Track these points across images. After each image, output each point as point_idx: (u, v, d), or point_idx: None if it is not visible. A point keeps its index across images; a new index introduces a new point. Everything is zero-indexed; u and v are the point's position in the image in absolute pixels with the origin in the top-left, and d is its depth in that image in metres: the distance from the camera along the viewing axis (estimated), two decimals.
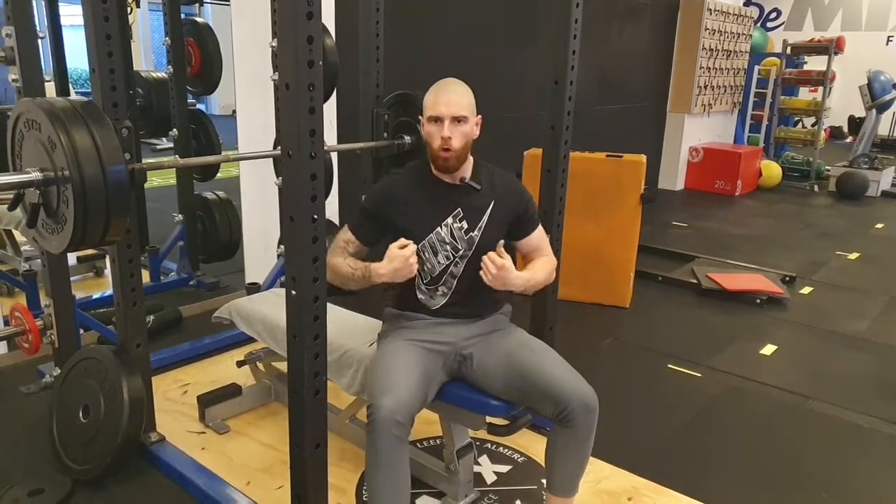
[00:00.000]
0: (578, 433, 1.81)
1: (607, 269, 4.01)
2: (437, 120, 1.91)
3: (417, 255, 1.97)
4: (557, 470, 1.91)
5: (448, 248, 1.98)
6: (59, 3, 3.62)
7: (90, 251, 3.84)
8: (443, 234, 1.98)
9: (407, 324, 2.03)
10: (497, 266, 1.83)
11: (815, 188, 8.05)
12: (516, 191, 2.07)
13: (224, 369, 2.94)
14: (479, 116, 1.99)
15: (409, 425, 1.74)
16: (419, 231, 1.98)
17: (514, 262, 2.12)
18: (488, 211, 2.00)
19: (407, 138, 2.87)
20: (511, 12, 5.18)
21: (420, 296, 2.03)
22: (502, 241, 1.95)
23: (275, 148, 2.85)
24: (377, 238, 2.05)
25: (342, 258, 2.00)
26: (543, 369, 1.86)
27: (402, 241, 1.87)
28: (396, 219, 1.99)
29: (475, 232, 1.98)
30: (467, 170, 2.01)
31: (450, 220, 1.98)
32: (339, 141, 3.81)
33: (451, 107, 1.90)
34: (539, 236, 2.12)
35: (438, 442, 2.44)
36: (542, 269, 2.06)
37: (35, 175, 1.73)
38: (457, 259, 1.99)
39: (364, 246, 2.05)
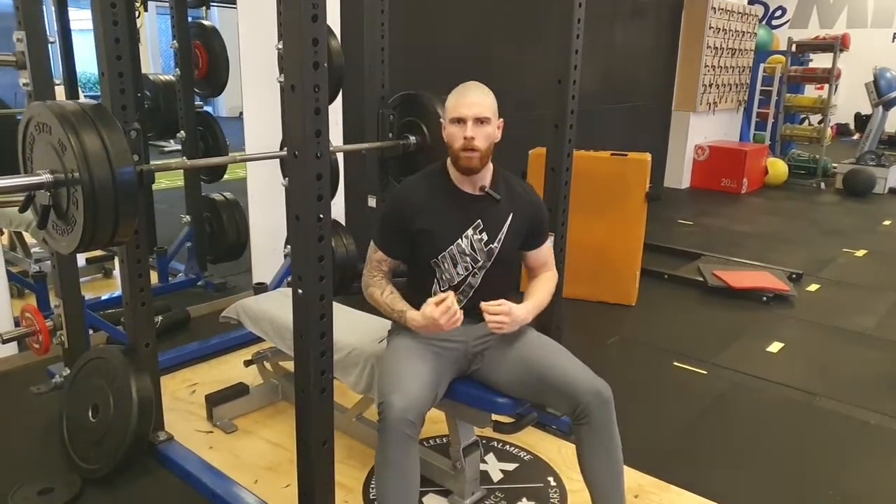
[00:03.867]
0: (597, 427, 1.81)
1: (613, 268, 4.02)
2: (459, 121, 1.90)
3: (437, 265, 1.97)
4: (595, 480, 1.87)
5: (468, 259, 1.97)
6: (69, 8, 3.65)
7: (99, 252, 3.89)
8: (463, 246, 1.97)
9: None
10: (504, 314, 1.84)
11: (822, 185, 8.02)
12: (533, 202, 2.06)
13: (232, 369, 2.97)
14: (501, 119, 1.97)
15: (420, 424, 1.75)
16: (440, 242, 1.97)
17: (520, 270, 2.14)
18: (507, 222, 1.99)
19: (412, 138, 2.89)
20: (515, 12, 5.19)
21: None
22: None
23: (281, 149, 2.87)
24: (406, 250, 2.02)
25: (380, 290, 1.99)
26: (556, 366, 1.87)
27: (441, 296, 1.85)
28: (416, 227, 1.97)
29: (495, 244, 1.98)
30: (487, 177, 1.99)
31: (470, 231, 1.97)
32: (345, 141, 3.83)
33: (474, 108, 1.89)
34: (547, 250, 2.12)
35: (445, 440, 2.45)
36: (544, 289, 2.07)
37: (45, 177, 1.76)
38: (475, 270, 1.98)
39: (396, 260, 2.03)
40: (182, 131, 3.80)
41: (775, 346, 3.56)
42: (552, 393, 1.86)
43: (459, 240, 1.96)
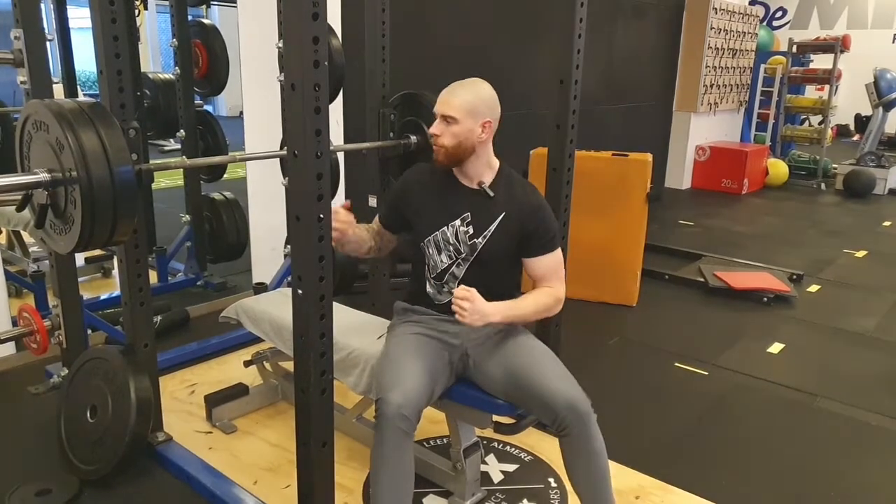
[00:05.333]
0: (575, 441, 1.79)
1: (614, 268, 4.01)
2: (436, 116, 1.97)
3: (424, 248, 2.01)
4: (579, 487, 1.87)
5: (451, 248, 1.99)
6: (68, 6, 3.63)
7: (98, 252, 3.88)
8: (448, 235, 1.98)
9: (415, 318, 2.05)
10: (466, 298, 1.79)
11: (822, 186, 8.02)
12: (533, 206, 1.99)
13: (231, 369, 2.95)
14: (488, 120, 1.94)
15: (416, 420, 1.75)
16: (426, 226, 2.01)
17: (521, 278, 2.10)
18: (497, 221, 1.97)
19: (413, 138, 2.87)
20: (517, 12, 5.18)
21: (429, 289, 2.04)
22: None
23: (282, 148, 2.86)
24: (396, 225, 2.14)
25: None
26: (534, 376, 1.84)
27: (342, 211, 1.94)
28: (409, 207, 2.06)
29: (479, 239, 1.97)
30: (488, 175, 2.00)
31: (457, 222, 1.98)
32: (346, 141, 3.82)
33: (442, 105, 1.95)
34: (550, 263, 2.00)
35: (445, 441, 2.44)
36: (531, 299, 1.97)
37: (43, 176, 1.74)
38: (459, 261, 1.99)
39: (385, 229, 2.15)
40: (182, 130, 3.78)
41: (776, 347, 3.56)
42: (534, 403, 1.84)
43: (445, 227, 1.99)
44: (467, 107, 1.92)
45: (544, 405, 1.80)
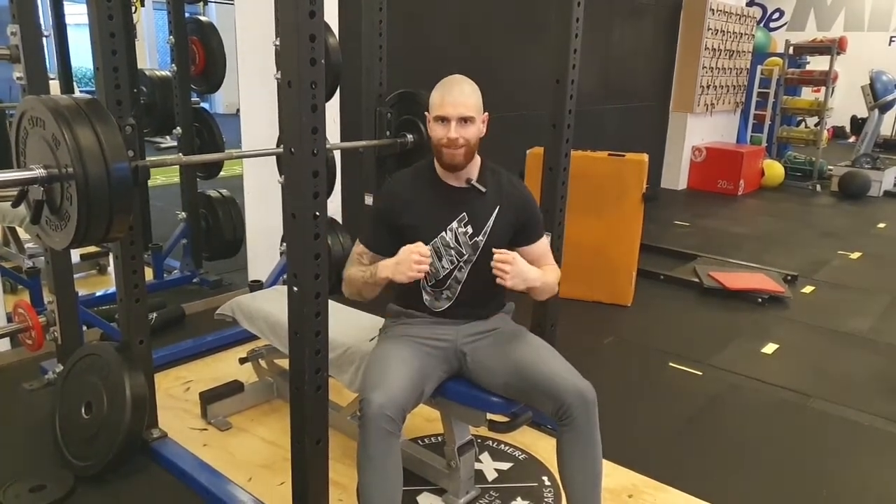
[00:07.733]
0: (580, 430, 1.79)
1: (609, 268, 4.02)
2: (443, 120, 1.89)
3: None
4: (572, 483, 1.86)
5: (453, 252, 1.96)
6: (64, 2, 3.63)
7: (93, 248, 3.87)
8: (447, 239, 1.96)
9: (408, 321, 2.03)
10: (508, 261, 1.81)
11: (818, 188, 8.04)
12: (522, 196, 2.04)
13: (226, 366, 2.95)
14: (486, 114, 1.96)
15: (400, 421, 1.74)
16: (424, 234, 1.95)
17: None
18: (493, 215, 1.97)
19: (409, 136, 2.89)
20: (514, 11, 5.18)
21: (425, 297, 2.02)
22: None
23: (278, 146, 2.86)
24: (390, 244, 1.98)
25: (356, 268, 1.99)
26: (540, 366, 1.86)
27: (420, 244, 1.83)
28: (401, 219, 1.97)
29: (480, 237, 1.96)
30: (473, 171, 1.98)
31: (455, 224, 1.96)
32: (342, 139, 3.82)
33: (458, 107, 1.87)
34: (543, 246, 2.08)
35: (440, 439, 2.45)
36: (549, 271, 2.03)
37: (39, 172, 1.74)
38: (461, 264, 1.97)
39: (377, 254, 2.00)
40: (178, 127, 3.78)
41: (770, 348, 3.57)
42: (536, 392, 1.84)
43: (444, 232, 1.95)
44: (478, 104, 1.92)
45: (551, 394, 1.79)
